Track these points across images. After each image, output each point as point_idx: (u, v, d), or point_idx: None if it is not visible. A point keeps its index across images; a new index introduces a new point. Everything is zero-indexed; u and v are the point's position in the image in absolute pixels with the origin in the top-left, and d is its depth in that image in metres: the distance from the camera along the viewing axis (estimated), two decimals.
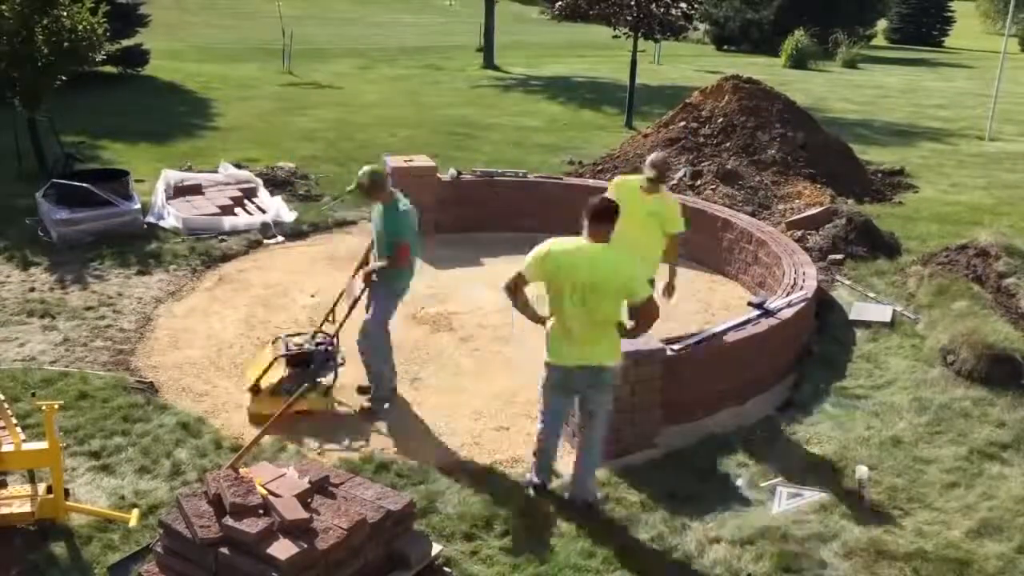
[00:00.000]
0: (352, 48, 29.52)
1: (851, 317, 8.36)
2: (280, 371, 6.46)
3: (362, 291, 6.46)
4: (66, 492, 5.24)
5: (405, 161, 10.66)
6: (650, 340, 6.10)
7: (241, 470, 4.79)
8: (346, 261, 9.89)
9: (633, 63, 18.49)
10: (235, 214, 10.92)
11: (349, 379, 6.83)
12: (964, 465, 6.14)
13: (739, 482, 5.91)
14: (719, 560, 5.14)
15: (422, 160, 10.78)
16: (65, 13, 11.45)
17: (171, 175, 11.51)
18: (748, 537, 5.32)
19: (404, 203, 6.47)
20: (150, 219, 10.32)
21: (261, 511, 4.31)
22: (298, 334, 6.84)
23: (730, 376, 6.84)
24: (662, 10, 19.04)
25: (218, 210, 10.76)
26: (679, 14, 19.69)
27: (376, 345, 6.53)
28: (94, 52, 12.03)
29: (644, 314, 5.31)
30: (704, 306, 9.00)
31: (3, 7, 11.06)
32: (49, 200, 9.98)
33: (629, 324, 5.41)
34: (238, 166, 12.90)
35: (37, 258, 9.27)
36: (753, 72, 15.74)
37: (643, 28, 18.92)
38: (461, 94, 21.35)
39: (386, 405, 6.66)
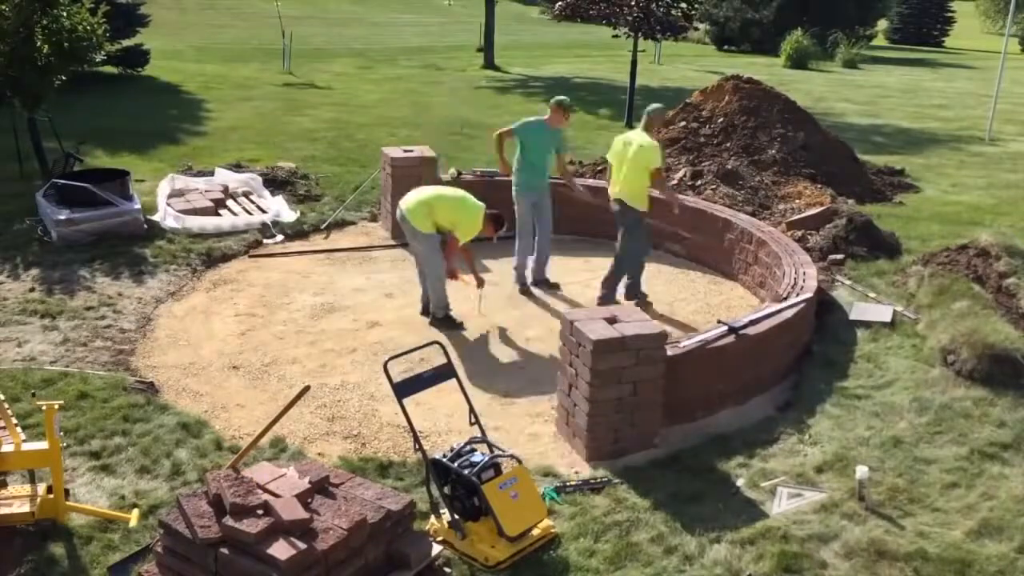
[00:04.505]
0: (352, 48, 29.52)
1: (851, 317, 8.36)
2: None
3: None
4: (66, 492, 5.24)
5: (404, 152, 10.65)
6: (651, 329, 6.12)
7: (241, 470, 4.79)
8: (346, 261, 9.92)
9: (633, 63, 18.49)
10: (229, 208, 10.94)
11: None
12: (965, 465, 6.13)
13: (739, 482, 5.91)
14: (719, 560, 5.14)
15: (422, 151, 10.75)
16: (65, 13, 11.43)
17: (177, 180, 11.55)
18: (748, 537, 5.32)
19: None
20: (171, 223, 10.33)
21: (261, 511, 4.31)
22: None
23: (730, 376, 6.84)
24: (662, 10, 19.04)
25: (211, 204, 10.78)
26: (679, 14, 19.69)
27: None
28: (94, 52, 12.01)
29: None
30: (704, 306, 9.00)
31: (3, 7, 11.05)
32: (49, 200, 9.98)
33: None
34: (238, 166, 12.91)
35: (37, 258, 9.27)
36: (753, 72, 15.74)
37: (643, 28, 18.92)
38: (461, 94, 21.35)
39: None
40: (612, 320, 6.23)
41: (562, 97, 9.17)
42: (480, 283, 8.63)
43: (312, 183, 12.34)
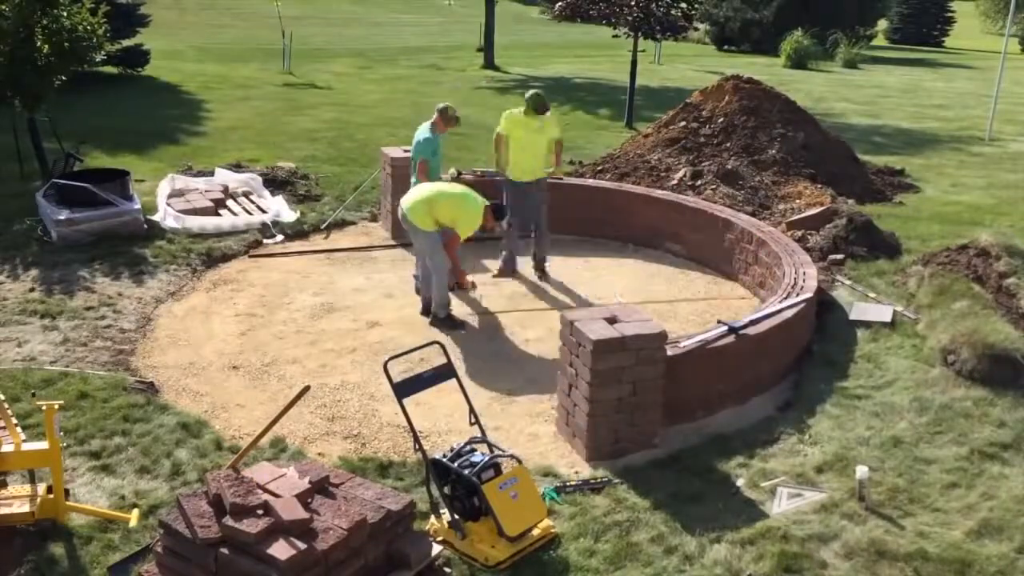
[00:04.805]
0: (352, 48, 29.52)
1: (851, 317, 8.36)
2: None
3: None
4: (66, 492, 5.24)
5: (404, 151, 10.64)
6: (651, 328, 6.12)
7: (241, 470, 4.79)
8: (346, 261, 9.92)
9: (633, 63, 18.49)
10: (229, 208, 10.95)
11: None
12: (965, 465, 6.14)
13: (739, 482, 5.91)
14: (719, 560, 5.14)
15: None
16: (65, 13, 11.43)
17: (176, 179, 11.56)
18: (748, 537, 5.32)
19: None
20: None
21: (261, 511, 4.31)
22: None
23: (730, 376, 6.84)
24: (662, 10, 19.04)
25: (211, 204, 10.78)
26: (679, 14, 19.69)
27: None
28: (94, 52, 12.01)
29: None
30: (705, 306, 9.00)
31: (3, 7, 11.05)
32: (49, 200, 9.98)
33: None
34: (238, 166, 12.91)
35: (37, 258, 9.27)
36: (753, 72, 15.74)
37: (643, 28, 18.92)
38: (461, 94, 21.34)
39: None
40: (612, 320, 6.23)
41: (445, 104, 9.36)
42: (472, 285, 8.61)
43: (312, 183, 12.35)
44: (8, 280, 8.79)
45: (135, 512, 5.24)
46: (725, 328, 6.85)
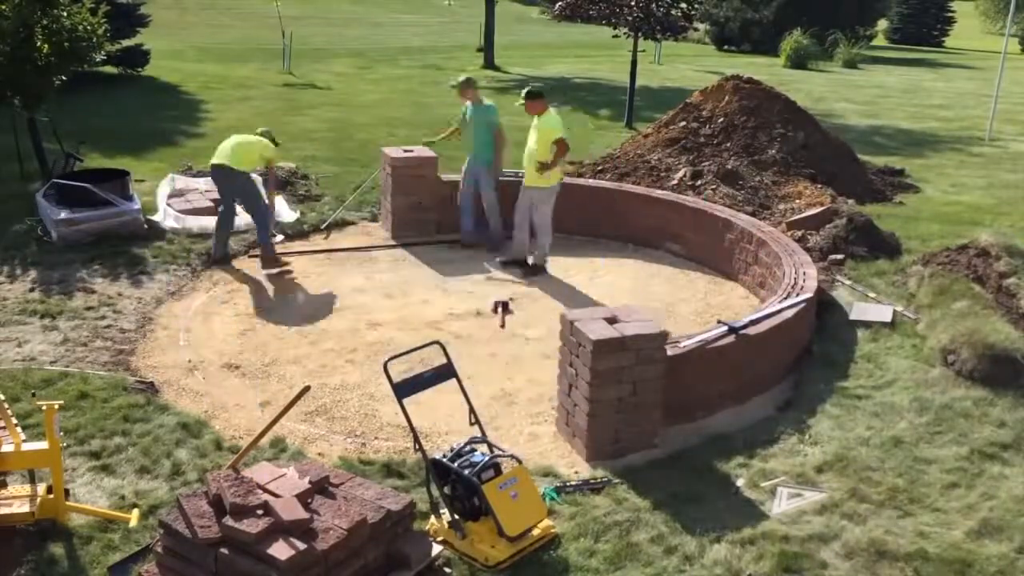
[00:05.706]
0: (352, 48, 29.52)
1: (851, 317, 8.36)
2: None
3: None
4: (66, 492, 5.24)
5: (404, 151, 10.65)
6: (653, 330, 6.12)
7: (241, 470, 4.79)
8: (346, 261, 9.92)
9: (633, 63, 18.48)
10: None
11: None
12: (965, 465, 6.14)
13: (739, 482, 5.91)
14: (719, 560, 5.14)
15: (422, 151, 10.75)
16: (65, 13, 11.43)
17: (177, 180, 11.56)
18: (748, 537, 5.32)
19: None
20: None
21: (261, 511, 4.31)
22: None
23: (730, 376, 6.84)
24: (662, 10, 19.03)
25: (211, 204, 10.77)
26: (679, 14, 19.68)
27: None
28: (94, 52, 12.01)
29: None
30: (705, 306, 9.00)
31: (3, 7, 11.05)
32: (49, 200, 9.97)
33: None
34: None
35: (37, 258, 9.27)
36: (753, 72, 15.73)
37: (643, 28, 18.91)
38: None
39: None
40: (612, 320, 6.23)
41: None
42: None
43: (312, 183, 12.34)
44: (8, 280, 8.78)
45: (135, 512, 5.24)
46: (725, 328, 6.85)
